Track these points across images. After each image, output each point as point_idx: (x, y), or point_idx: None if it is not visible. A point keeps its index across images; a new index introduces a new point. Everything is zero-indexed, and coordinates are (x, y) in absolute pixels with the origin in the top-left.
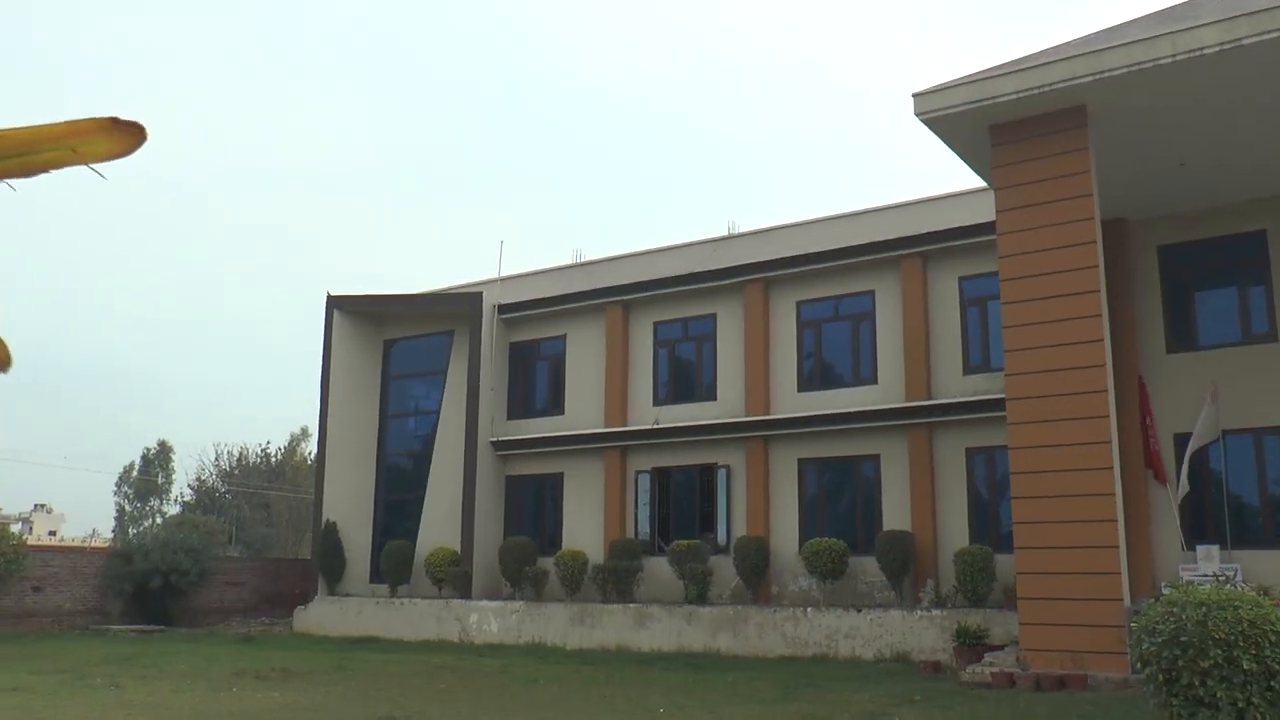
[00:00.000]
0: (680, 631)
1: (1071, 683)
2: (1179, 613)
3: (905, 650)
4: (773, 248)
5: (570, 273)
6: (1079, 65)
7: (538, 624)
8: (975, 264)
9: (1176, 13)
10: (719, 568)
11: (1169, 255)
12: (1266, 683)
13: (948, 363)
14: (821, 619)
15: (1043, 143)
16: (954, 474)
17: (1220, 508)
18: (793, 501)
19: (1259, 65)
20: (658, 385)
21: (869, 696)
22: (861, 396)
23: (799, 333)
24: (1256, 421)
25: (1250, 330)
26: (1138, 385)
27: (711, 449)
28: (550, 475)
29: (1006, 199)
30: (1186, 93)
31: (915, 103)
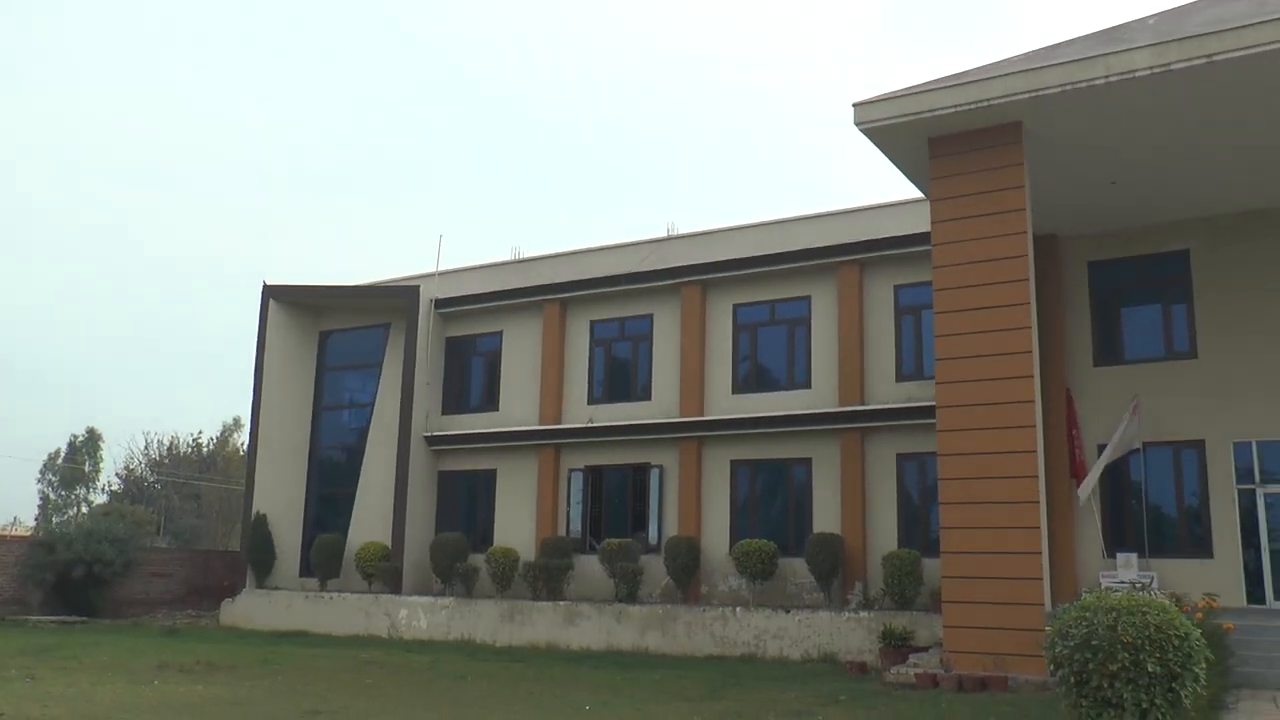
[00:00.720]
0: (610, 630)
1: (993, 684)
2: (1091, 617)
3: (832, 651)
4: (711, 250)
5: (508, 269)
6: (1016, 82)
7: (467, 621)
8: (911, 273)
9: (1112, 35)
10: (650, 567)
11: (1098, 271)
12: (1168, 684)
13: (881, 369)
14: (750, 619)
15: (979, 157)
16: (884, 479)
17: (1140, 518)
18: (724, 502)
19: (1187, 90)
20: (593, 384)
21: (795, 696)
22: (795, 400)
23: (735, 335)
24: (1175, 435)
25: (1173, 347)
26: (1065, 397)
27: (645, 449)
28: (483, 472)
29: (942, 210)
30: (1119, 114)
31: (855, 112)
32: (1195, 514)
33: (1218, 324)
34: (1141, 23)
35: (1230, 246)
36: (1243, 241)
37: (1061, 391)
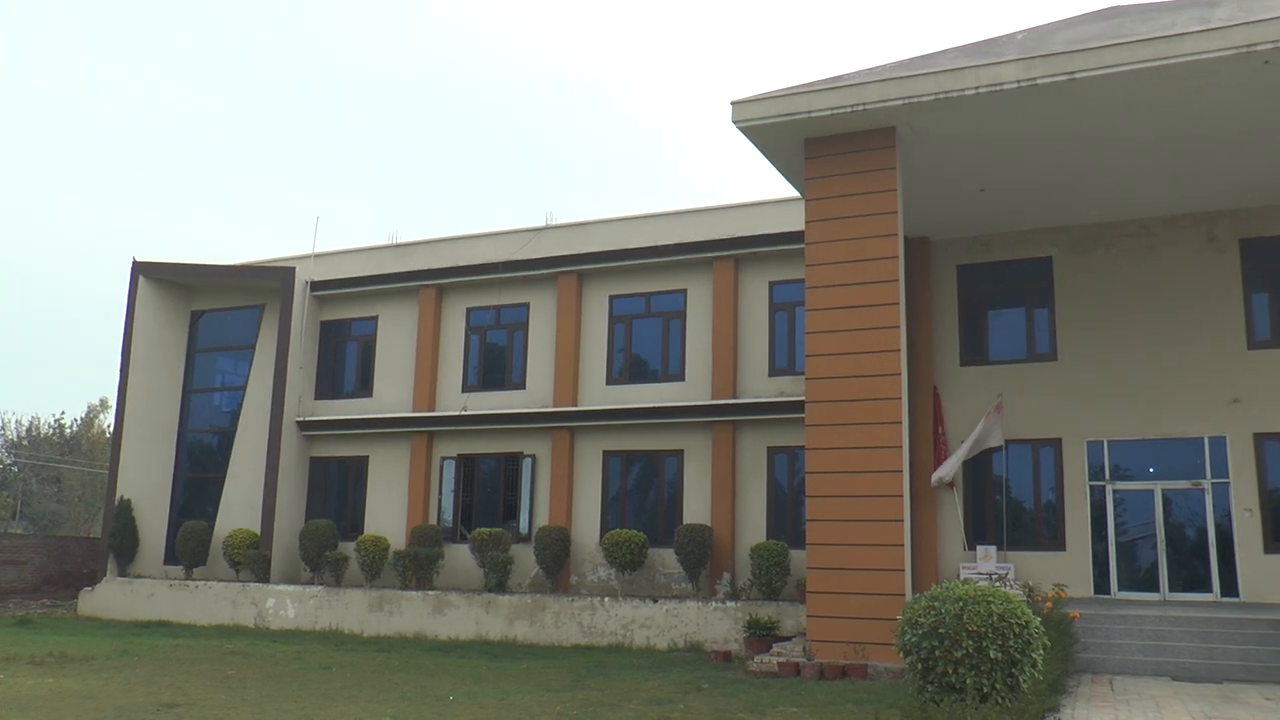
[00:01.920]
0: (478, 619)
1: (853, 672)
2: (939, 607)
3: (699, 640)
4: (589, 241)
5: (385, 253)
6: (891, 89)
7: (336, 610)
8: (786, 270)
9: (984, 48)
10: (520, 556)
11: (967, 274)
12: (1008, 670)
13: (754, 363)
14: (618, 609)
15: (853, 159)
16: (755, 471)
17: (1000, 512)
18: (596, 493)
19: (1051, 105)
20: (468, 371)
21: (658, 684)
22: (669, 392)
23: (610, 327)
24: (1035, 433)
25: (1035, 349)
26: (932, 394)
27: (518, 438)
28: (355, 458)
29: (816, 210)
30: (988, 124)
31: (733, 110)
32: (1051, 509)
33: (1076, 328)
34: (1011, 38)
35: (1089, 255)
36: (1100, 250)
37: (929, 389)
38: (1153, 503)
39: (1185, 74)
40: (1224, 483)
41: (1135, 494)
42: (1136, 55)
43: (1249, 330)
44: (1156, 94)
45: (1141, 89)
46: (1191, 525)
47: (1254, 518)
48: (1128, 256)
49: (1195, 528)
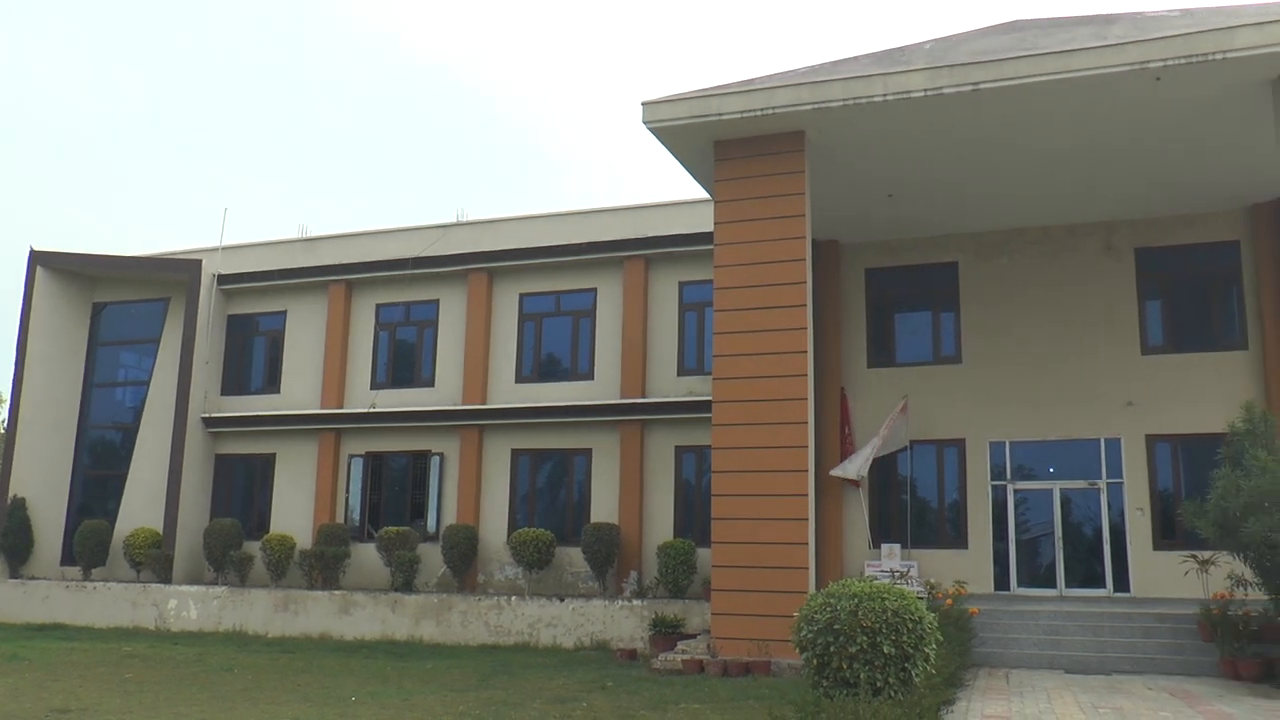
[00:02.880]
0: (385, 619)
1: (756, 669)
2: (835, 604)
3: (605, 639)
4: (499, 238)
5: (294, 247)
6: (802, 93)
7: (240, 611)
8: (695, 270)
9: (892, 56)
10: (427, 555)
11: (875, 278)
12: (901, 664)
13: (663, 363)
14: (525, 608)
15: (763, 162)
16: (663, 470)
17: (905, 510)
18: (504, 491)
19: (957, 113)
20: (377, 368)
21: (562, 683)
22: (578, 391)
23: (520, 325)
24: (939, 434)
25: (941, 352)
26: (839, 395)
27: (427, 436)
28: (262, 456)
29: (726, 212)
30: (896, 130)
31: (644, 111)
32: (954, 508)
33: (981, 332)
34: (919, 47)
35: (994, 261)
36: (1004, 256)
37: (836, 390)
38: (1052, 502)
39: (1083, 87)
40: (1118, 483)
41: (1035, 493)
42: (1038, 68)
43: (1143, 336)
44: (1057, 106)
45: (1043, 100)
46: (1088, 524)
47: (1145, 516)
48: (1030, 263)
49: (1091, 526)
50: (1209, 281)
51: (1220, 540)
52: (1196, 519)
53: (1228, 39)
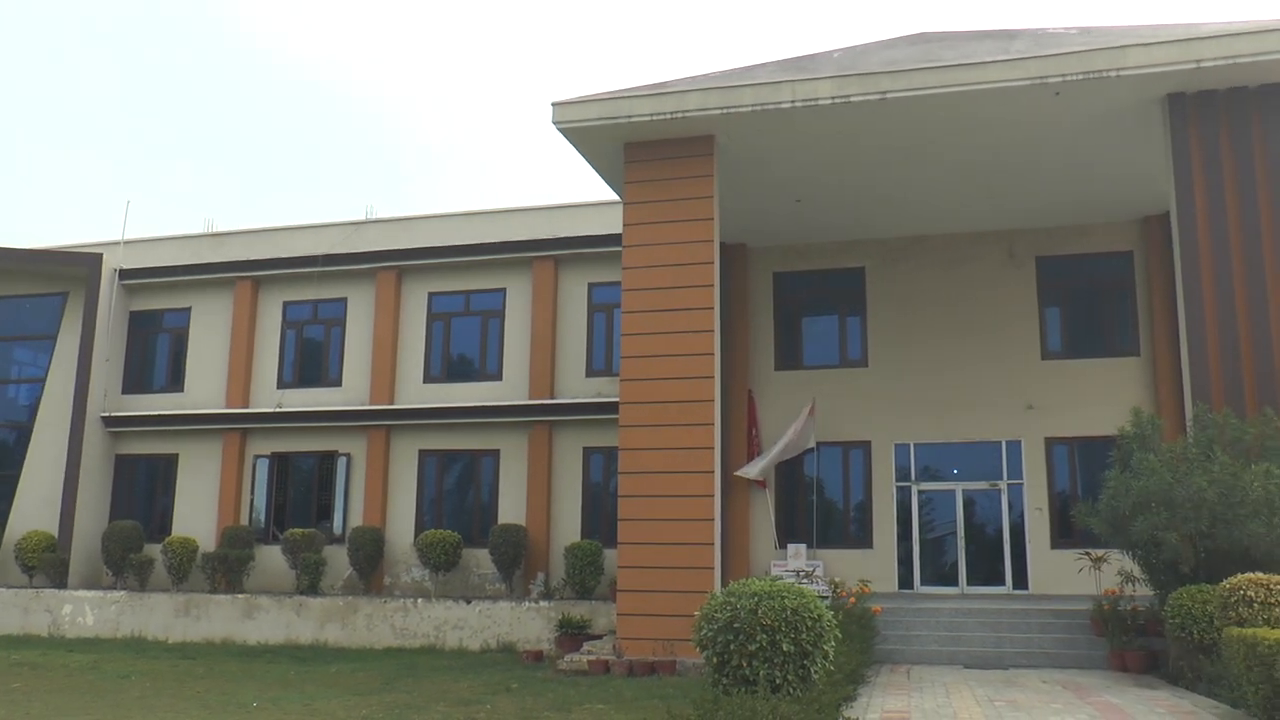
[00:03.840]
0: (289, 623)
1: (662, 668)
2: (735, 603)
3: (511, 641)
4: (409, 237)
5: (200, 242)
6: (711, 98)
7: (139, 616)
8: (605, 271)
9: (802, 63)
10: (333, 558)
11: (783, 281)
12: (800, 662)
13: (572, 364)
14: (431, 610)
15: (673, 165)
16: (571, 471)
17: (811, 511)
18: (411, 492)
19: (865, 122)
20: (284, 367)
21: (467, 685)
22: (486, 392)
23: (429, 324)
24: (845, 436)
25: (847, 356)
26: (747, 397)
27: (334, 436)
28: (164, 456)
29: (635, 214)
30: (804, 137)
31: (554, 111)
32: (860, 508)
33: (886, 337)
34: (828, 55)
35: (899, 266)
36: (910, 262)
37: (744, 392)
38: (955, 503)
39: (986, 100)
40: (1018, 484)
41: (939, 494)
42: (943, 79)
43: (1043, 342)
44: (961, 117)
45: (947, 111)
46: (989, 523)
47: (1043, 516)
48: (935, 269)
49: (993, 526)
50: (1105, 290)
51: (1111, 539)
52: (1089, 518)
53: (1120, 57)
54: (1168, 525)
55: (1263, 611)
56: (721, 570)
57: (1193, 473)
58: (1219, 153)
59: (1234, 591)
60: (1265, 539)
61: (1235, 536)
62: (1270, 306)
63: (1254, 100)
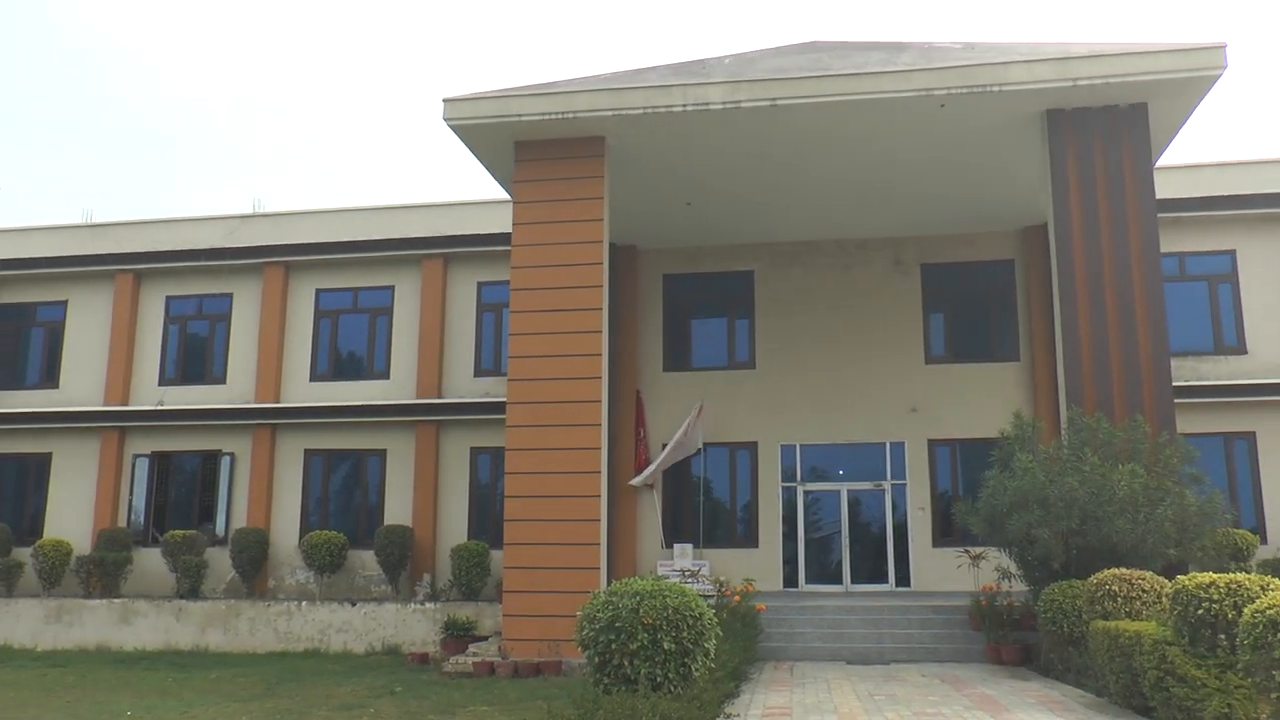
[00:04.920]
0: (168, 628)
1: (547, 669)
2: (617, 602)
3: (397, 643)
4: (297, 232)
5: (78, 233)
6: (602, 99)
7: (5, 623)
8: (494, 270)
9: (693, 68)
10: (216, 560)
11: (672, 283)
12: (681, 660)
13: (461, 363)
14: (315, 613)
15: (563, 165)
16: (458, 471)
17: (698, 511)
18: (296, 493)
19: (755, 127)
20: (165, 364)
21: (350, 689)
22: (374, 390)
23: (316, 321)
24: (732, 437)
25: (735, 358)
26: (635, 399)
27: (217, 435)
28: (37, 455)
29: (524, 213)
30: (695, 141)
31: (445, 108)
32: (746, 508)
33: (774, 340)
34: (719, 61)
35: (789, 271)
36: (799, 267)
37: (632, 393)
38: (840, 503)
39: (874, 109)
40: (902, 484)
41: (824, 494)
42: (832, 88)
43: (926, 346)
44: (849, 125)
45: (836, 119)
46: (873, 523)
47: (926, 515)
48: (824, 275)
49: (877, 525)
50: (987, 297)
51: (989, 537)
52: (969, 517)
53: (1002, 73)
54: (1041, 523)
55: (1125, 605)
56: (608, 571)
57: (1065, 473)
58: (1093, 167)
59: (1100, 586)
60: (1130, 535)
61: (1103, 533)
62: (1138, 316)
63: (1124, 118)
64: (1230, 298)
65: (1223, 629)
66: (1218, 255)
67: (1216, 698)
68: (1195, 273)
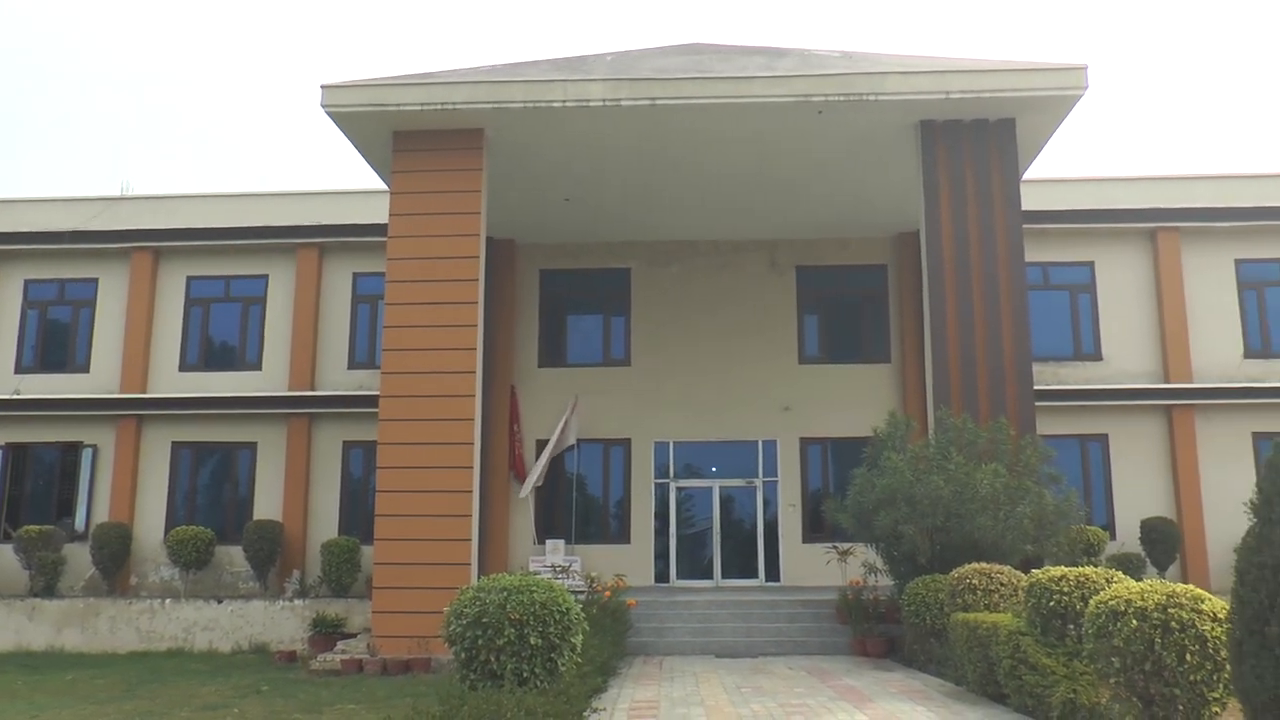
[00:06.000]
0: (20, 628)
1: (416, 666)
2: (484, 597)
3: (265, 641)
4: (168, 217)
5: None
6: (481, 91)
7: None
8: (371, 262)
9: (574, 64)
10: (75, 556)
11: (550, 279)
12: (547, 655)
13: (335, 355)
14: (180, 611)
15: (441, 157)
16: (330, 466)
17: (570, 507)
18: (162, 487)
19: (635, 126)
20: (23, 351)
21: (214, 689)
22: (245, 382)
23: (186, 309)
24: (607, 434)
25: (611, 354)
26: (510, 394)
27: (79, 426)
28: None
29: (401, 204)
30: (574, 137)
31: (323, 94)
32: (619, 505)
33: (650, 337)
34: (601, 58)
35: (665, 270)
36: (676, 266)
37: (507, 389)
38: (712, 499)
39: (753, 113)
40: (773, 481)
41: (697, 491)
42: (712, 90)
43: (800, 347)
44: (728, 128)
45: (715, 122)
46: (745, 519)
47: (796, 512)
48: (700, 274)
49: (748, 521)
50: (860, 300)
51: (857, 532)
52: (838, 514)
53: (879, 83)
54: (908, 520)
55: (984, 598)
56: (480, 567)
57: (931, 472)
58: (963, 178)
59: (961, 580)
60: (991, 531)
61: (966, 530)
62: (1003, 322)
63: (994, 132)
64: (1089, 307)
65: (1071, 619)
66: (1078, 266)
67: (1063, 684)
68: (1058, 282)
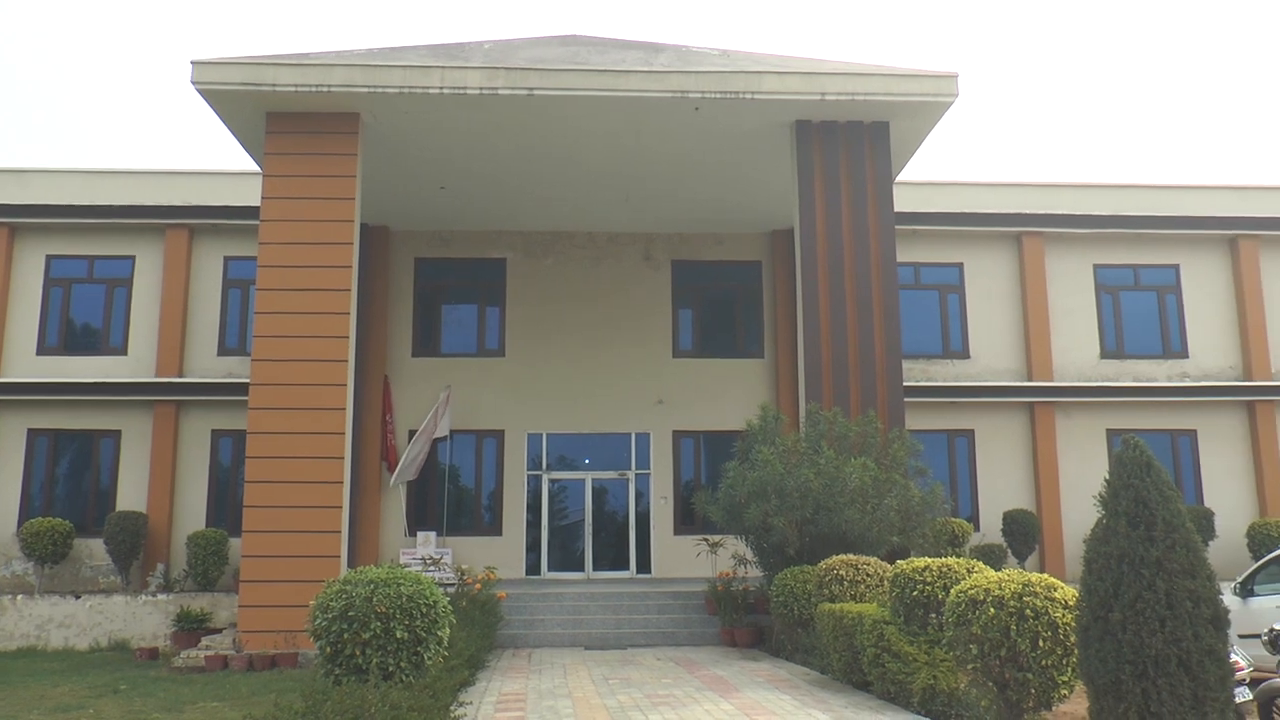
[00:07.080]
0: None
1: (283, 661)
2: (350, 591)
3: (126, 638)
4: (24, 191)
5: None
6: (357, 75)
7: None
8: (243, 245)
9: (452, 51)
10: None
11: (424, 267)
12: (414, 649)
13: (204, 341)
14: (33, 607)
15: (316, 140)
16: (198, 455)
17: (442, 499)
18: (16, 476)
19: (512, 115)
20: None
21: (69, 689)
22: (109, 367)
23: (46, 290)
24: (479, 425)
25: (485, 345)
26: (383, 383)
27: None
28: None
29: (274, 187)
30: (451, 124)
31: (193, 70)
32: (492, 496)
33: (524, 328)
34: (478, 45)
35: (541, 260)
36: (551, 257)
37: (380, 378)
38: (584, 491)
39: (629, 107)
40: (646, 473)
41: (570, 483)
42: (589, 83)
43: (674, 340)
44: (605, 120)
45: (592, 114)
46: (617, 511)
47: (668, 504)
48: (575, 265)
49: (620, 514)
50: (735, 295)
51: (728, 525)
52: (709, 506)
53: (756, 82)
54: (778, 512)
55: (851, 589)
56: (350, 559)
57: (802, 465)
58: (837, 178)
59: (828, 571)
60: (859, 523)
61: (835, 522)
62: (875, 319)
63: (868, 134)
64: (958, 307)
65: (934, 608)
66: (948, 267)
67: (924, 670)
68: (928, 282)
